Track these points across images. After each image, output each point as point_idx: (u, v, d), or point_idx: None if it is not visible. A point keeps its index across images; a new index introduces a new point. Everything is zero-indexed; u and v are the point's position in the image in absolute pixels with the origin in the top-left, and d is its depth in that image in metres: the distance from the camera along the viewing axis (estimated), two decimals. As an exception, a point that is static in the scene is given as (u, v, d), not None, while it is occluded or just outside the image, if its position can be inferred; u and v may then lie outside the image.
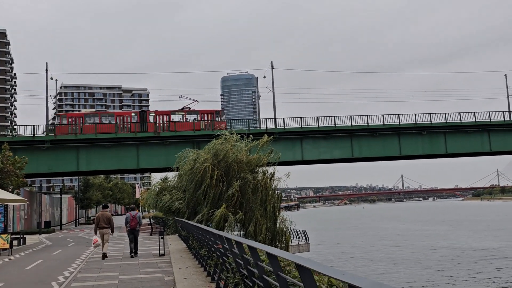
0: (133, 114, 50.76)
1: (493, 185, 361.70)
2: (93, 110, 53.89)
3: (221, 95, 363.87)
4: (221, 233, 8.06)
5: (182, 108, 52.66)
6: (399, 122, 52.14)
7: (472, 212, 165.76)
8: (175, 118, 49.99)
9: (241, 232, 31.50)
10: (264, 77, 56.67)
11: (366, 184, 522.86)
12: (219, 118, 50.95)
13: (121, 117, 49.92)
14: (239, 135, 33.27)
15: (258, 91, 59.01)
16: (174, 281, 11.91)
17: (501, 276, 43.55)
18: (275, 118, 51.08)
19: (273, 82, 53.08)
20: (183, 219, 24.15)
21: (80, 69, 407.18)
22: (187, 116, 50.44)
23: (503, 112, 55.15)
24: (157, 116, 49.64)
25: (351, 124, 51.33)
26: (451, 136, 53.16)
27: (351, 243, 73.99)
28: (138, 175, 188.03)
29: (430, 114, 52.53)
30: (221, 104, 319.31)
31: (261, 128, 49.58)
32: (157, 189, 38.27)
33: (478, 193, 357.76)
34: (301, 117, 51.06)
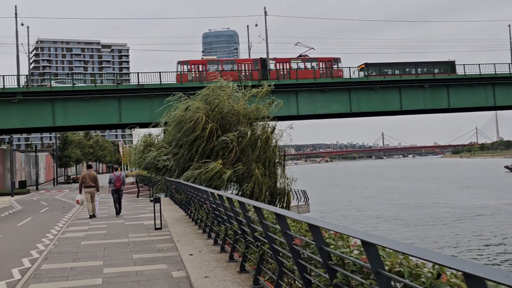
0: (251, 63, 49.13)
1: (472, 142, 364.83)
2: (215, 57, 52.02)
3: (202, 51, 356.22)
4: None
5: (299, 56, 50.60)
6: (400, 74, 48.78)
7: (455, 168, 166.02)
8: (294, 66, 48.60)
9: (239, 193, 28.37)
10: (256, 25, 52.55)
11: (347, 142, 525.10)
12: (337, 66, 49.13)
13: (243, 65, 48.23)
14: (236, 85, 29.62)
15: (249, 42, 54.78)
16: (191, 283, 7.70)
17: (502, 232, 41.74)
18: (268, 70, 47.26)
19: (266, 30, 49.00)
20: (181, 181, 20.66)
21: (55, 24, 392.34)
22: (306, 63, 49.04)
23: (509, 64, 52.07)
24: (277, 64, 48.29)
25: (350, 76, 47.85)
26: (454, 89, 50.05)
27: (347, 202, 72.06)
28: (120, 132, 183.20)
29: (432, 66, 49.24)
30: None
31: (254, 80, 45.78)
32: (143, 145, 34.56)
33: (457, 150, 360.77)
34: (296, 69, 47.42)
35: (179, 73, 46.19)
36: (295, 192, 37.17)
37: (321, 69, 48.21)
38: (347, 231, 3.29)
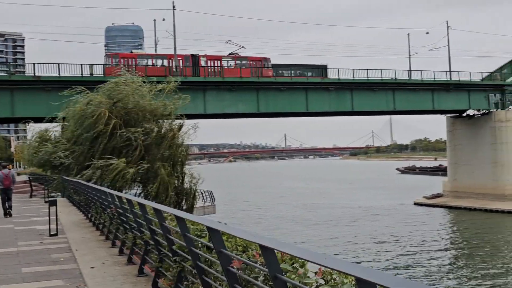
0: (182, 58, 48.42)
1: (368, 145, 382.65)
2: (145, 51, 49.92)
3: (105, 46, 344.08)
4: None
5: (230, 54, 50.38)
6: (307, 76, 49.38)
7: (353, 170, 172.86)
8: (225, 64, 48.36)
9: (143, 193, 26.97)
10: (164, 19, 50.92)
11: (250, 142, 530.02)
12: (267, 66, 49.54)
13: (174, 60, 47.25)
14: (140, 80, 28.19)
15: (156, 37, 53.00)
16: None
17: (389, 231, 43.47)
18: (176, 66, 45.90)
19: (174, 25, 47.55)
20: (81, 181, 18.97)
21: None
22: (237, 62, 49.07)
23: (408, 70, 54.57)
24: (209, 61, 47.82)
25: (258, 76, 47.68)
26: (357, 93, 51.50)
27: (251, 202, 72.16)
28: (12, 126, 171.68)
29: (338, 69, 50.29)
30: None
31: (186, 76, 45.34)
32: (38, 141, 32.00)
33: (355, 152, 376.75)
34: (204, 67, 46.48)
35: (108, 66, 44.25)
36: (201, 192, 36.21)
37: (251, 68, 48.67)
38: (332, 263, 2.41)
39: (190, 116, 44.55)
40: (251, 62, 49.32)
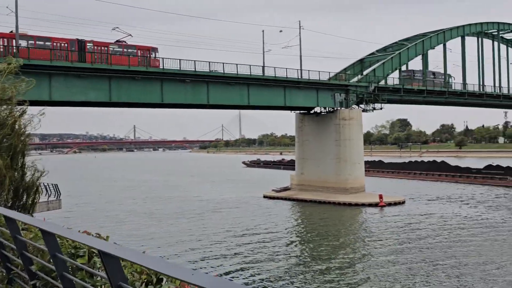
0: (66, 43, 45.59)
1: (218, 139, 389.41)
2: (26, 31, 41.42)
3: None
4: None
5: (117, 41, 47.73)
6: (163, 66, 47.88)
7: (202, 163, 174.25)
8: (113, 50, 46.75)
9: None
10: (4, -6, 45.65)
11: (97, 133, 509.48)
12: (154, 55, 48.09)
13: (59, 43, 44.04)
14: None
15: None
16: None
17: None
18: (17, 47, 41.51)
19: (16, 1, 42.74)
20: None
21: None
22: (124, 49, 47.43)
23: (262, 66, 55.56)
24: (95, 47, 45.49)
25: (110, 63, 45.08)
26: (213, 86, 51.24)
27: (99, 195, 68.81)
28: None
29: (194, 61, 49.46)
30: None
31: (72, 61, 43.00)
32: None
33: (204, 145, 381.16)
34: (50, 49, 42.72)
35: None
36: (45, 186, 33.11)
37: (138, 57, 47.74)
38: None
39: (33, 103, 40.81)
40: (139, 50, 48.00)
